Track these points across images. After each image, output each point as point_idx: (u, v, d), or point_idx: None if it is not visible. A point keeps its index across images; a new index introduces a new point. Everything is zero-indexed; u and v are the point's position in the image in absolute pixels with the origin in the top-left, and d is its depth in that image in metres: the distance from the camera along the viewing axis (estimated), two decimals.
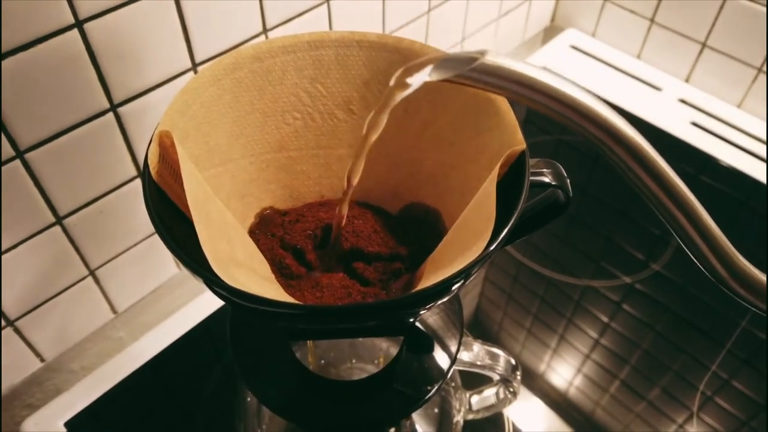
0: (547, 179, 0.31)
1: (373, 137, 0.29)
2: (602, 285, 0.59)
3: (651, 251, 0.62)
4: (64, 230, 0.45)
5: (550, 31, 0.89)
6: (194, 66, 0.46)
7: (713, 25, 0.72)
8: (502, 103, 0.30)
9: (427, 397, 0.36)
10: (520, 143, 0.29)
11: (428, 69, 0.24)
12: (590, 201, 0.68)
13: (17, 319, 0.46)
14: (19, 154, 0.39)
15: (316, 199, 0.37)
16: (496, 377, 0.44)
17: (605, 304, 0.58)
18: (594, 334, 0.56)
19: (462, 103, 0.32)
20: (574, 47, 0.83)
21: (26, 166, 0.40)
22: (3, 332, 0.46)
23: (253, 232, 0.35)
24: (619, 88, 0.78)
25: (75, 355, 0.54)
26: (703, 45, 0.74)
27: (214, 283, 0.24)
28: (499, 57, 0.22)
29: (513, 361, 0.44)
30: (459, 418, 0.47)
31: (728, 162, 0.70)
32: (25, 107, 0.38)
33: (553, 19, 0.88)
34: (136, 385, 0.51)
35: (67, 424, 0.48)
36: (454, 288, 0.25)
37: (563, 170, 0.31)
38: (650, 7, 0.76)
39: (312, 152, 0.36)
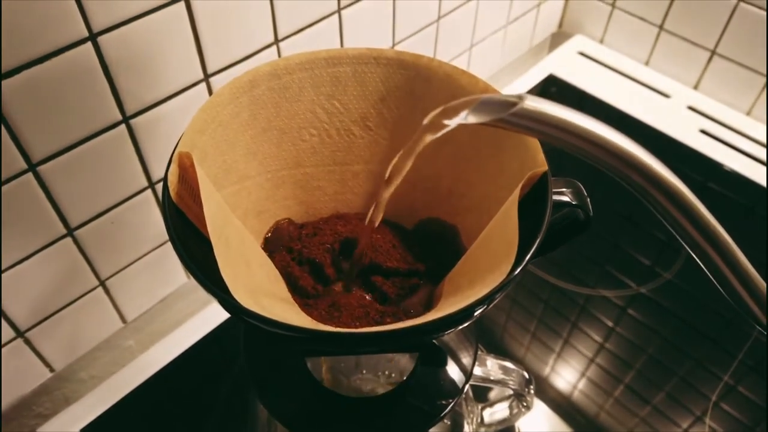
0: (566, 198, 0.31)
1: (397, 182, 0.29)
2: (613, 294, 0.59)
3: (661, 260, 0.62)
4: (75, 241, 0.45)
5: (557, 37, 0.88)
6: (206, 77, 0.45)
7: (723, 32, 0.72)
8: None
9: (442, 414, 0.36)
10: (541, 164, 0.29)
11: (465, 113, 0.24)
12: (600, 209, 0.67)
13: (28, 330, 0.46)
14: (32, 167, 0.39)
15: (331, 215, 0.37)
16: (509, 392, 0.44)
17: (612, 310, 0.58)
18: (599, 339, 0.57)
19: None
20: (582, 53, 0.83)
21: (38, 178, 0.40)
22: (14, 343, 0.46)
23: (269, 248, 0.35)
24: (628, 94, 0.78)
25: (85, 364, 0.53)
26: (713, 52, 0.74)
27: (239, 311, 0.24)
28: (539, 101, 0.22)
29: (526, 375, 0.44)
30: (470, 430, 0.47)
31: (736, 169, 0.69)
32: (38, 120, 0.38)
33: (560, 25, 0.88)
34: (146, 395, 0.51)
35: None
36: (477, 313, 0.25)
37: (583, 189, 0.31)
38: (659, 14, 0.76)
39: (328, 168, 0.36)
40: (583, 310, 0.59)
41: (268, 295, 0.28)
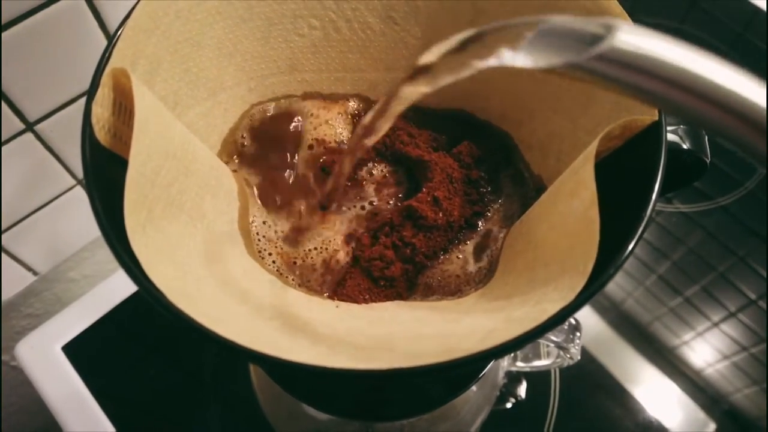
0: (675, 138, 0.21)
1: (382, 132, 0.19)
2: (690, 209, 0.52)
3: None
4: (38, 137, 0.38)
5: None
6: None
7: None
8: None
9: (473, 382, 0.30)
10: (649, 110, 0.19)
11: (508, 53, 0.14)
12: None
13: None
14: None
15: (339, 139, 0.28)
16: (551, 345, 0.38)
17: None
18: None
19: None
20: None
21: None
22: None
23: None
24: None
25: (73, 264, 0.48)
26: None
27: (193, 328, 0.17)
28: (642, 34, 0.12)
29: (573, 321, 0.36)
30: (501, 371, 0.41)
31: None
32: None
33: None
34: (138, 307, 0.45)
35: (64, 348, 0.43)
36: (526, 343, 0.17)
37: None
38: None
39: (335, 75, 0.26)
40: None
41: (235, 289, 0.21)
